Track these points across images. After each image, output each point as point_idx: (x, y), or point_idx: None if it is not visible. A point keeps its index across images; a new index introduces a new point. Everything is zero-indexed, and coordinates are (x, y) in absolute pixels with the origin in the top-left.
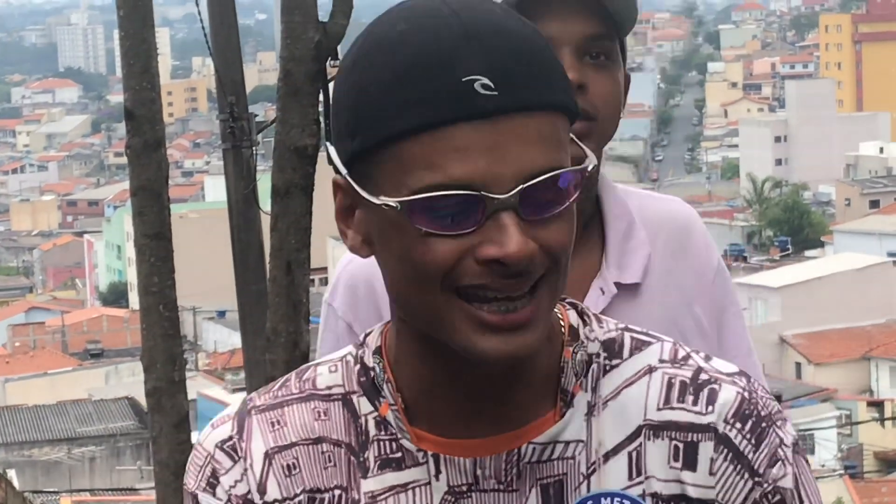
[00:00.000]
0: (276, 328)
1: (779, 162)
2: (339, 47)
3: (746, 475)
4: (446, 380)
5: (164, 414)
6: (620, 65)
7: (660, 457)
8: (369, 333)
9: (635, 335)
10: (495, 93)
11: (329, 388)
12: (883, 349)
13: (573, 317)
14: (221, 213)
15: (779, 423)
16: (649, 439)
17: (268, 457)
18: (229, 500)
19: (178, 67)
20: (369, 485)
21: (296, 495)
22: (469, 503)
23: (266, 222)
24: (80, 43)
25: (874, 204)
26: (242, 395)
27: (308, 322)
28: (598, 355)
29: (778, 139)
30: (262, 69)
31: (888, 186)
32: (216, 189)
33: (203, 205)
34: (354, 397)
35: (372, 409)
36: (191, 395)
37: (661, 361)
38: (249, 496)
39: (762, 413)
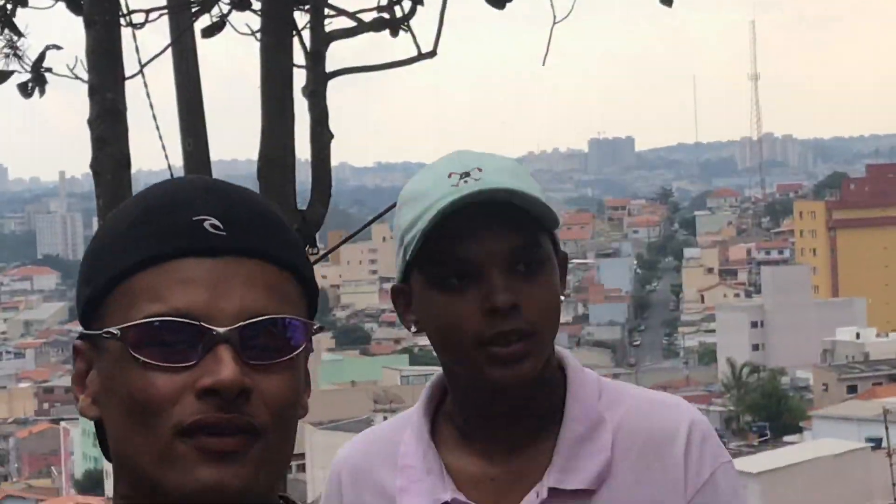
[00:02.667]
0: None
1: (756, 347)
2: (317, 235)
3: None
4: None
5: None
6: (553, 260)
7: None
8: None
9: None
10: (223, 233)
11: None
12: None
13: None
14: None
15: None
16: None
17: None
18: None
19: None
20: None
21: None
22: None
23: None
24: (59, 230)
25: (852, 389)
26: None
27: None
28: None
29: (755, 324)
30: None
31: (865, 372)
32: None
33: None
34: None
35: None
36: None
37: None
38: None
39: None
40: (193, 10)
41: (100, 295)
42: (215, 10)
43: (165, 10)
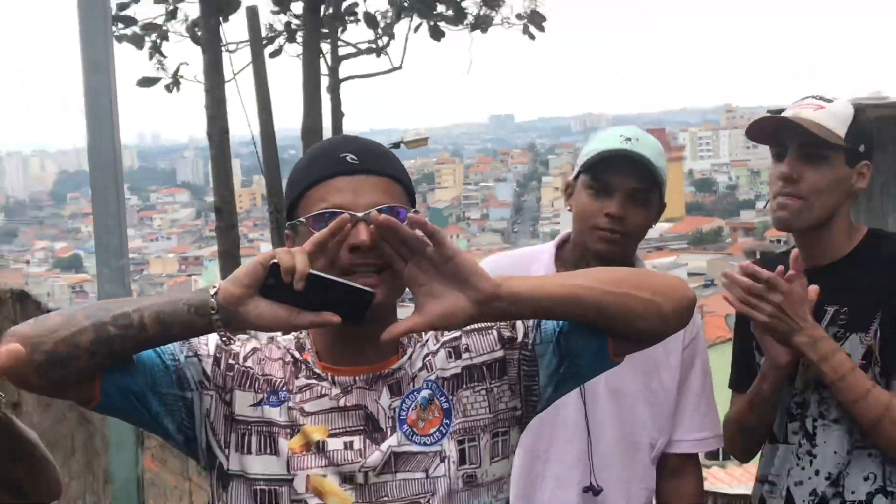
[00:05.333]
0: None
1: None
2: None
3: (492, 331)
4: (339, 339)
5: None
6: (656, 207)
7: (441, 361)
8: None
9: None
10: (357, 161)
11: (283, 346)
12: None
13: None
14: None
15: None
16: (434, 357)
17: (255, 350)
18: (223, 351)
19: (245, 181)
20: (298, 382)
21: (254, 370)
22: (351, 394)
23: None
24: (189, 168)
25: None
26: None
27: None
28: (412, 336)
29: None
30: None
31: (641, 247)
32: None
33: None
34: (291, 350)
35: (300, 355)
36: None
37: (434, 336)
38: (234, 355)
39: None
40: (264, 42)
41: (294, 202)
42: (277, 41)
43: (248, 42)
